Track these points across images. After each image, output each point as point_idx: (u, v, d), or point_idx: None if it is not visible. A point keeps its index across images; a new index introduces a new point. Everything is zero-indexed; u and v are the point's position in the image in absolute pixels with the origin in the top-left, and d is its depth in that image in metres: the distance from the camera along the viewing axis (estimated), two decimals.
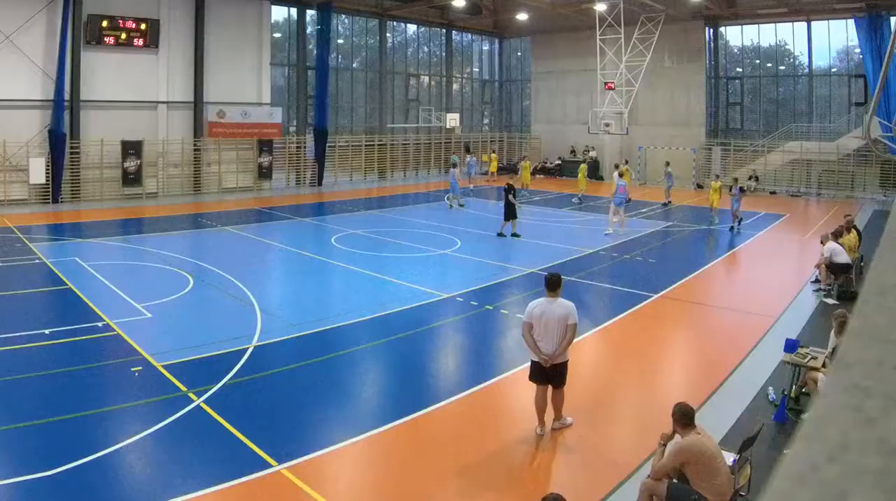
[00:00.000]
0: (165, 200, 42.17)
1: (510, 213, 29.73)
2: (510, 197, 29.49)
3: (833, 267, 21.20)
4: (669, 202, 41.40)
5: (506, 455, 11.16)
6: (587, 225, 34.46)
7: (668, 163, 43.49)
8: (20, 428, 11.33)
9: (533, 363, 11.75)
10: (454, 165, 40.74)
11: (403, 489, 10.10)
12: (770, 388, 13.45)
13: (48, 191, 38.90)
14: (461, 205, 38.45)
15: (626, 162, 46.17)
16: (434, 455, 11.17)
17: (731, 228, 32.57)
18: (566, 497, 7.57)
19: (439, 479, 10.40)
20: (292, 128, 52.01)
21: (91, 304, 18.54)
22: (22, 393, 12.81)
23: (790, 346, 13.57)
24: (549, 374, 11.57)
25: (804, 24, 50.06)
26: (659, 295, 21.09)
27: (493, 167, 55.95)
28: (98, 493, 9.58)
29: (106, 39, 40.81)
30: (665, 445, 9.04)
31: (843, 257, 21.13)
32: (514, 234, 29.75)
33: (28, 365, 14.12)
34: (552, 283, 11.77)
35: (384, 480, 10.45)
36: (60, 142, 38.80)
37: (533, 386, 11.86)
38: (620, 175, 35.72)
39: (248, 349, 15.41)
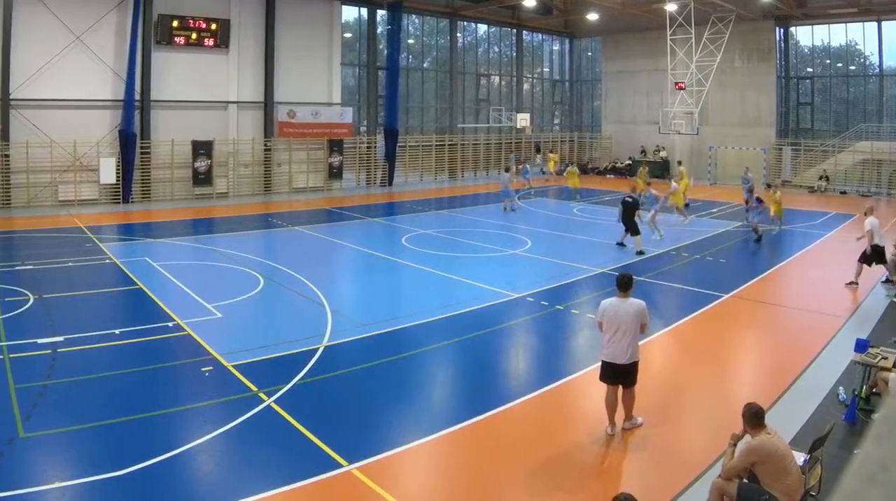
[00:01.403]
0: (236, 200, 40.83)
1: (633, 227, 25.97)
2: (636, 212, 25.89)
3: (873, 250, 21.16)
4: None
5: (576, 454, 10.89)
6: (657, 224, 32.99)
7: (747, 169, 41.09)
8: (91, 428, 11.15)
9: (604, 363, 11.48)
10: (507, 169, 38.70)
11: (474, 489, 9.85)
12: (840, 388, 13.12)
13: (118, 191, 37.52)
14: (513, 209, 36.08)
15: (680, 162, 42.94)
16: (504, 455, 10.81)
17: (758, 239, 29.01)
18: (637, 496, 7.19)
19: (510, 479, 10.11)
20: (363, 128, 50.09)
21: (161, 304, 18.15)
22: (93, 392, 12.63)
23: (861, 346, 13.23)
24: (620, 374, 11.35)
25: (875, 23, 47.83)
26: (729, 295, 20.47)
27: (552, 167, 54.59)
28: (168, 493, 9.40)
29: (176, 39, 39.38)
30: (735, 445, 8.88)
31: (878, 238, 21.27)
32: (620, 243, 26.69)
33: (99, 365, 13.91)
34: (624, 284, 11.54)
35: (455, 480, 10.19)
36: (131, 142, 37.38)
37: (603, 386, 11.61)
38: (680, 178, 34.73)
39: (318, 349, 15.06)
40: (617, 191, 44.99)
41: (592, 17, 53.95)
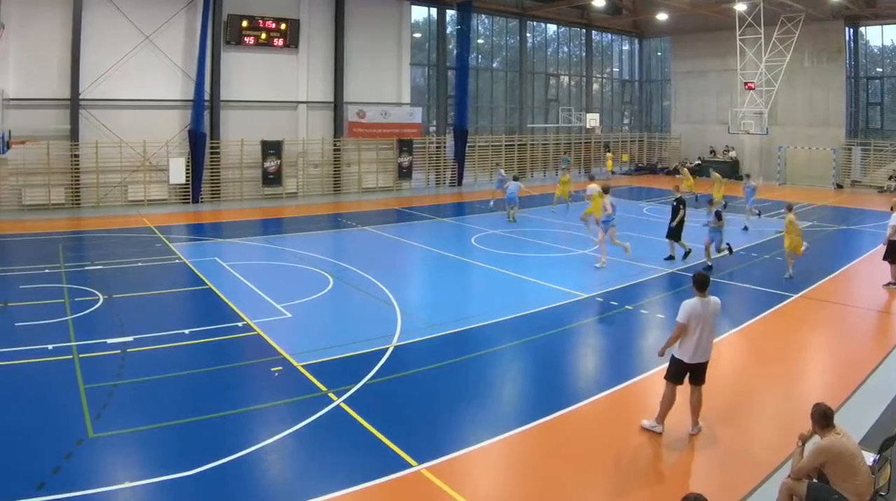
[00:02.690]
0: (305, 200, 39.29)
1: (675, 231, 23.88)
2: (681, 210, 23.74)
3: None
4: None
5: (644, 455, 10.52)
6: (726, 225, 29.90)
7: (748, 176, 37.48)
8: (161, 428, 10.87)
9: (680, 362, 10.83)
10: (515, 178, 34.81)
11: (542, 489, 9.42)
12: None
13: (188, 191, 35.96)
14: (512, 220, 31.79)
15: (685, 162, 39.77)
16: (573, 455, 10.44)
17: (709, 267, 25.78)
18: (706, 496, 6.64)
19: (578, 480, 9.79)
20: (432, 128, 47.99)
21: (231, 304, 17.62)
22: (162, 392, 12.28)
23: None
24: (694, 373, 10.86)
25: None
26: (799, 295, 19.72)
27: (609, 166, 53.03)
28: (238, 493, 9.11)
29: (246, 39, 37.76)
30: (803, 445, 8.59)
31: None
32: (671, 257, 23.89)
33: (169, 365, 13.54)
34: (704, 283, 10.92)
35: (524, 480, 9.77)
36: (200, 142, 35.78)
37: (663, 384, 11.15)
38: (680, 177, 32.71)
39: (388, 349, 14.57)
40: (686, 190, 42.75)
41: (662, 17, 51.93)
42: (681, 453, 10.61)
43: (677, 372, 10.91)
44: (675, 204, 23.73)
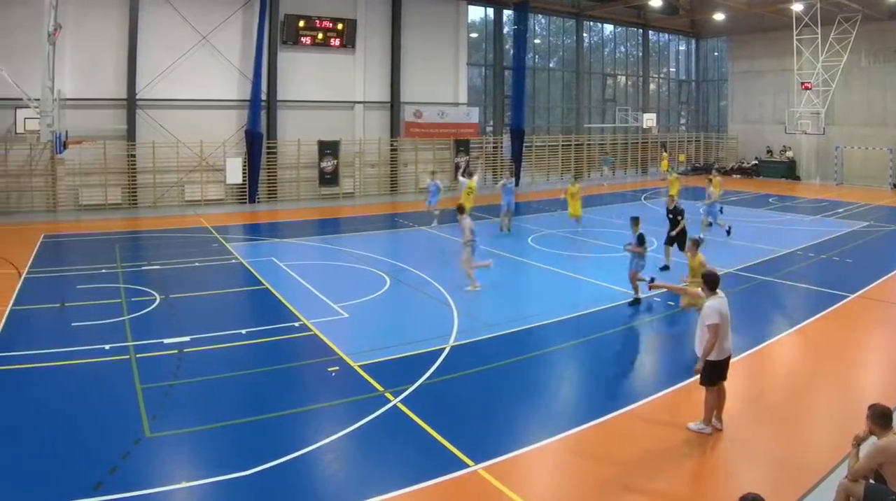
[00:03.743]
0: (362, 200, 37.62)
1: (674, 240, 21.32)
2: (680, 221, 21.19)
3: None
4: None
5: (700, 455, 10.08)
6: (784, 225, 30.39)
7: (710, 180, 33.41)
8: (218, 428, 10.56)
9: (717, 363, 10.40)
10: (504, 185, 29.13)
11: (597, 489, 9.08)
12: None
13: (244, 191, 34.30)
14: (508, 230, 27.76)
15: (713, 170, 35.61)
16: (629, 455, 9.97)
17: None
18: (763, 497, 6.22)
19: (634, 479, 9.30)
20: (489, 128, 45.73)
21: (288, 304, 17.01)
22: (219, 392, 11.96)
23: None
24: (726, 370, 10.59)
25: None
26: (856, 295, 18.77)
27: (665, 166, 49.68)
28: (295, 493, 8.87)
29: (302, 39, 36.02)
30: (859, 446, 8.01)
31: None
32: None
33: (225, 365, 13.16)
34: (716, 282, 10.64)
35: (580, 480, 9.45)
36: (257, 142, 34.09)
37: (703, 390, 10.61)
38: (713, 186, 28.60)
39: (444, 349, 14.02)
40: (743, 191, 42.95)
41: (718, 17, 49.47)
42: (737, 453, 10.19)
43: (716, 372, 10.46)
44: (670, 216, 21.50)
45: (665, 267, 20.89)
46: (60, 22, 24.18)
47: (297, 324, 15.47)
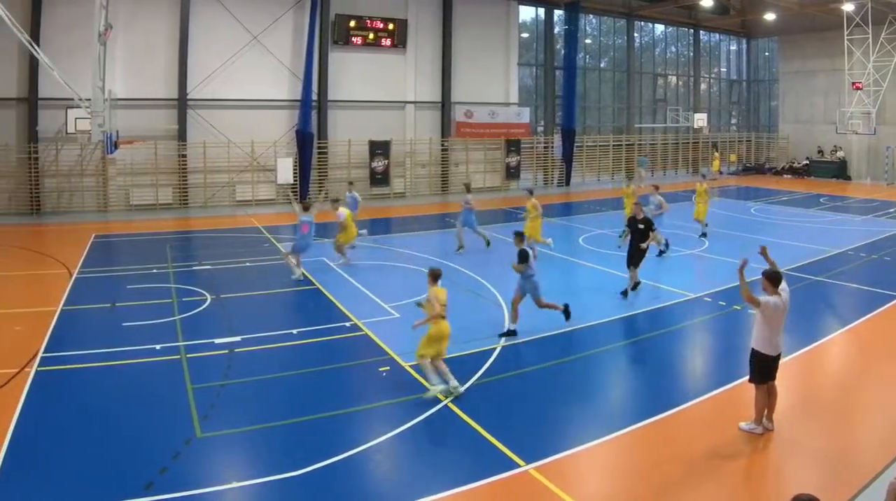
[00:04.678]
0: (413, 200, 35.78)
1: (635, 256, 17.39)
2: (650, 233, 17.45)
3: None
4: None
5: (751, 455, 9.47)
6: (834, 224, 28.96)
7: (656, 188, 30.25)
8: (268, 428, 10.06)
9: (770, 358, 9.86)
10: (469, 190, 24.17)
11: (649, 490, 8.53)
12: None
13: (296, 191, 32.25)
14: (488, 243, 23.00)
15: (704, 176, 29.84)
16: (679, 456, 9.39)
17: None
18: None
19: (684, 480, 8.84)
20: (540, 128, 43.48)
21: (339, 304, 16.33)
22: (270, 393, 11.43)
23: None
24: (776, 366, 9.97)
25: None
26: None
27: (717, 166, 48.54)
28: (346, 493, 8.38)
29: (353, 39, 34.22)
30: None
31: None
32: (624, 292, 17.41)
33: (276, 365, 12.60)
34: (777, 279, 9.91)
35: (631, 481, 8.86)
36: (308, 142, 32.42)
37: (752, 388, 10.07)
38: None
39: (495, 349, 13.49)
40: (794, 191, 40.95)
41: (769, 17, 46.81)
42: (787, 453, 9.70)
43: (762, 368, 9.97)
44: (641, 226, 17.29)
45: (635, 286, 17.31)
46: (111, 22, 23.28)
47: (347, 324, 14.80)
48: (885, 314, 16.27)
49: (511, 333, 14.19)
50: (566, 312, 14.78)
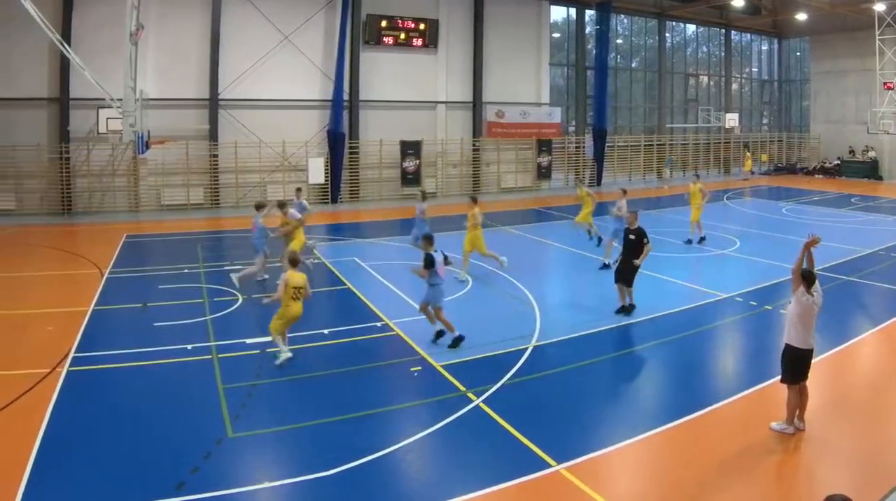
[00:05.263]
0: (444, 200, 34.17)
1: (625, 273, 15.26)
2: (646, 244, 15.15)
3: None
4: None
5: (783, 456, 9.16)
6: (865, 224, 27.99)
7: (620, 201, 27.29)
8: (299, 428, 9.73)
9: (792, 354, 9.55)
10: (424, 197, 22.26)
11: (680, 490, 8.26)
12: None
13: (327, 191, 31.33)
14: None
15: (698, 176, 26.69)
16: (711, 455, 9.11)
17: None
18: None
19: (716, 480, 8.55)
20: (571, 128, 41.78)
21: (370, 304, 15.88)
22: (301, 393, 11.08)
23: None
24: (807, 368, 9.58)
25: None
26: None
27: (749, 166, 46.58)
28: (377, 493, 8.14)
29: (384, 39, 32.95)
30: None
31: None
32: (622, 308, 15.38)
33: (307, 365, 12.12)
34: (813, 279, 9.57)
35: (662, 481, 8.58)
36: (339, 142, 31.18)
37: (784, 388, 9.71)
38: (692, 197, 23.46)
39: (526, 349, 12.92)
40: (826, 190, 39.46)
41: (801, 17, 44.83)
42: (819, 454, 9.37)
43: (795, 365, 9.58)
44: (632, 237, 15.18)
45: (622, 309, 15.27)
46: (142, 22, 22.67)
47: (379, 324, 14.34)
48: None
49: (440, 334, 13.27)
50: (456, 341, 13.02)
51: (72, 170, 27.73)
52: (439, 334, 13.28)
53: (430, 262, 13.06)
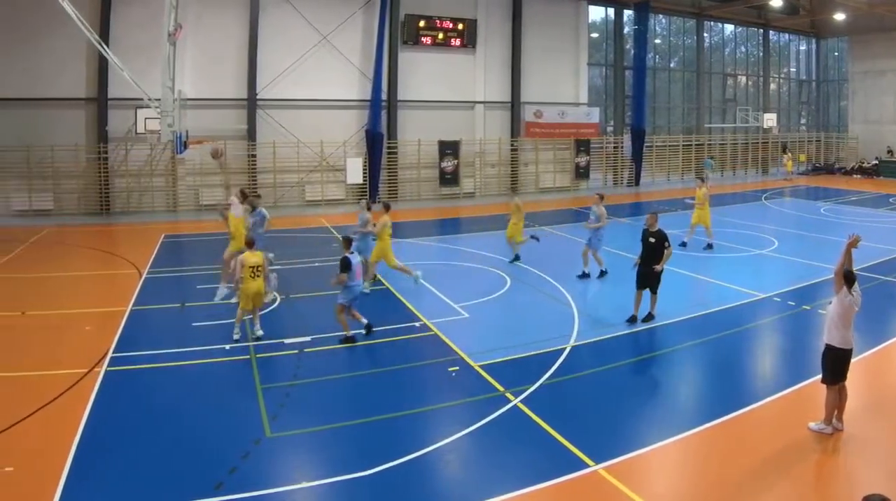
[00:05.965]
0: (482, 200, 32.70)
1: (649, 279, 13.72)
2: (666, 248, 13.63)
3: None
4: None
5: (821, 456, 8.77)
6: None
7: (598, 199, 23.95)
8: (338, 428, 9.32)
9: (833, 354, 9.05)
10: (368, 207, 17.97)
11: (719, 490, 7.88)
12: None
13: (365, 191, 29.65)
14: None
15: (703, 179, 23.27)
16: (749, 456, 8.59)
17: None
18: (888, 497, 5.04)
19: (754, 480, 8.07)
20: (609, 128, 39.85)
21: (408, 304, 15.15)
22: (340, 392, 10.62)
23: None
24: (846, 368, 9.07)
25: None
26: None
27: (790, 167, 44.13)
28: (415, 493, 7.78)
29: (423, 39, 31.32)
30: None
31: None
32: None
33: (346, 365, 11.70)
34: (853, 279, 9.08)
35: (700, 481, 8.18)
36: (378, 142, 29.60)
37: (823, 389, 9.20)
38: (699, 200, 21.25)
39: (565, 349, 12.31)
40: (864, 191, 37.46)
41: (839, 17, 42.34)
42: (855, 453, 8.85)
43: (836, 366, 9.07)
44: (652, 241, 13.63)
45: (633, 319, 13.87)
46: (180, 22, 21.76)
47: (417, 324, 13.74)
48: None
49: (349, 339, 12.55)
50: (347, 340, 12.58)
51: (110, 170, 26.52)
52: (348, 339, 12.58)
53: (345, 265, 12.48)
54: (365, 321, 12.86)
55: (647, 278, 13.60)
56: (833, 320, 9.08)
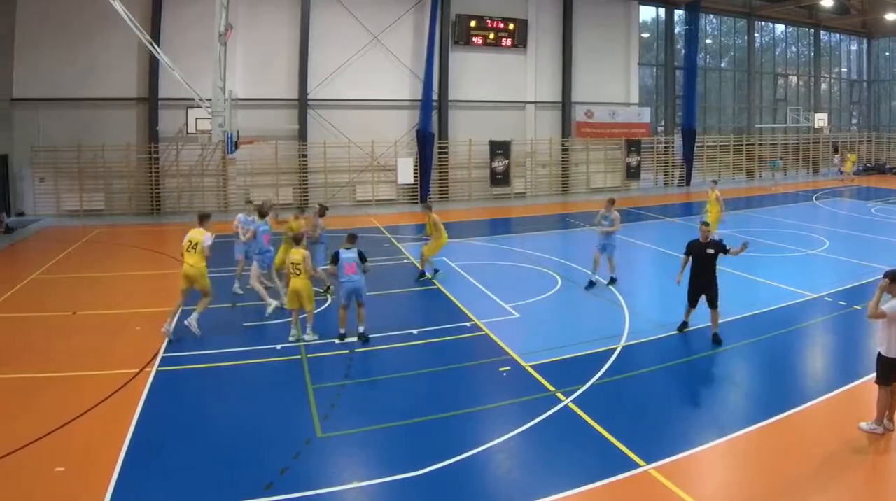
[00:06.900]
0: (533, 200, 30.56)
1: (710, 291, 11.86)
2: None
3: None
4: None
5: (873, 456, 8.08)
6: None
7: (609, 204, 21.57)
8: (388, 428, 8.71)
9: (884, 362, 8.30)
10: (322, 212, 16.79)
11: (772, 490, 7.25)
12: None
13: (416, 191, 27.74)
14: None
15: (715, 181, 22.03)
16: (801, 456, 8.00)
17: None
18: None
19: (804, 480, 7.52)
20: (660, 128, 37.10)
21: (459, 304, 14.12)
22: (390, 393, 9.92)
23: None
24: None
25: None
26: None
27: (849, 167, 40.98)
28: (466, 493, 7.29)
29: (474, 39, 29.11)
30: None
31: None
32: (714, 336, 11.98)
33: (396, 365, 10.84)
34: None
35: (752, 481, 7.46)
36: (429, 142, 27.59)
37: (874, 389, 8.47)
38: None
39: (616, 349, 11.38)
40: None
41: (891, 17, 38.80)
42: None
43: (889, 372, 8.24)
44: (710, 252, 11.81)
45: (683, 325, 12.47)
46: (231, 22, 20.40)
47: (468, 324, 12.92)
48: None
49: (343, 336, 11.88)
50: (340, 337, 11.99)
51: (161, 170, 24.84)
52: (342, 337, 11.87)
53: (335, 259, 11.83)
54: (342, 331, 11.85)
55: (706, 290, 11.82)
56: (882, 330, 8.44)
